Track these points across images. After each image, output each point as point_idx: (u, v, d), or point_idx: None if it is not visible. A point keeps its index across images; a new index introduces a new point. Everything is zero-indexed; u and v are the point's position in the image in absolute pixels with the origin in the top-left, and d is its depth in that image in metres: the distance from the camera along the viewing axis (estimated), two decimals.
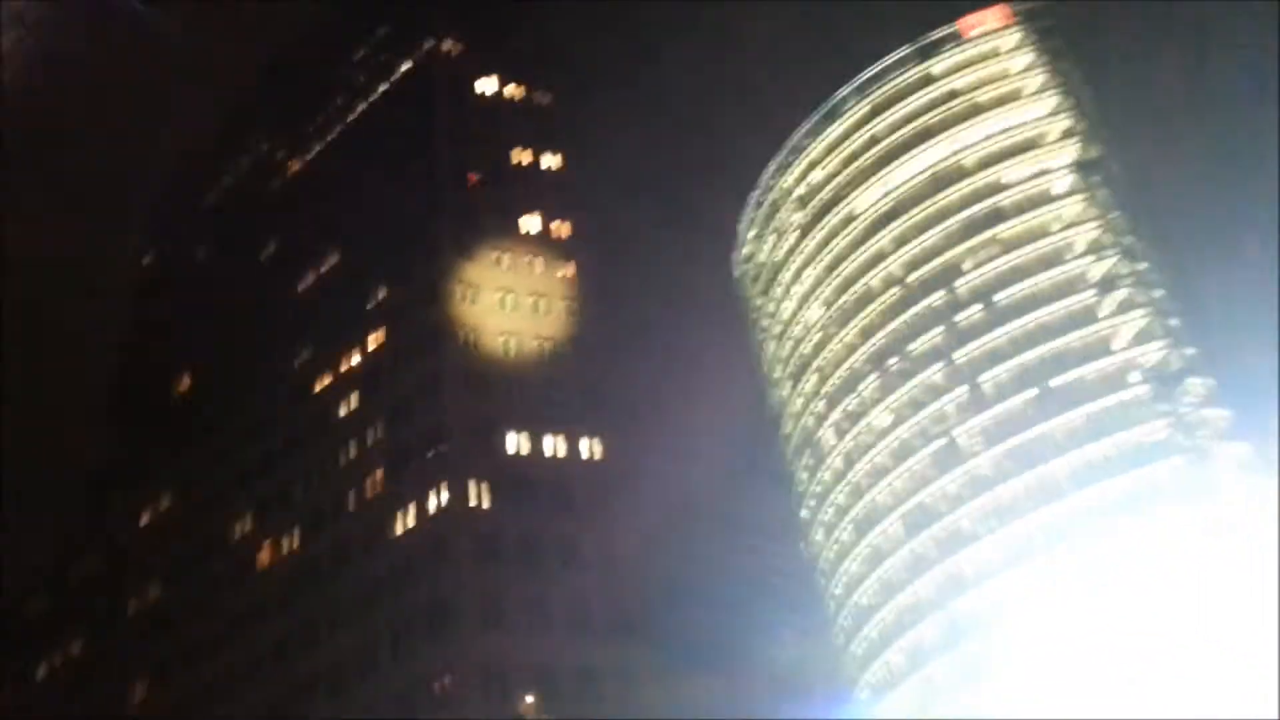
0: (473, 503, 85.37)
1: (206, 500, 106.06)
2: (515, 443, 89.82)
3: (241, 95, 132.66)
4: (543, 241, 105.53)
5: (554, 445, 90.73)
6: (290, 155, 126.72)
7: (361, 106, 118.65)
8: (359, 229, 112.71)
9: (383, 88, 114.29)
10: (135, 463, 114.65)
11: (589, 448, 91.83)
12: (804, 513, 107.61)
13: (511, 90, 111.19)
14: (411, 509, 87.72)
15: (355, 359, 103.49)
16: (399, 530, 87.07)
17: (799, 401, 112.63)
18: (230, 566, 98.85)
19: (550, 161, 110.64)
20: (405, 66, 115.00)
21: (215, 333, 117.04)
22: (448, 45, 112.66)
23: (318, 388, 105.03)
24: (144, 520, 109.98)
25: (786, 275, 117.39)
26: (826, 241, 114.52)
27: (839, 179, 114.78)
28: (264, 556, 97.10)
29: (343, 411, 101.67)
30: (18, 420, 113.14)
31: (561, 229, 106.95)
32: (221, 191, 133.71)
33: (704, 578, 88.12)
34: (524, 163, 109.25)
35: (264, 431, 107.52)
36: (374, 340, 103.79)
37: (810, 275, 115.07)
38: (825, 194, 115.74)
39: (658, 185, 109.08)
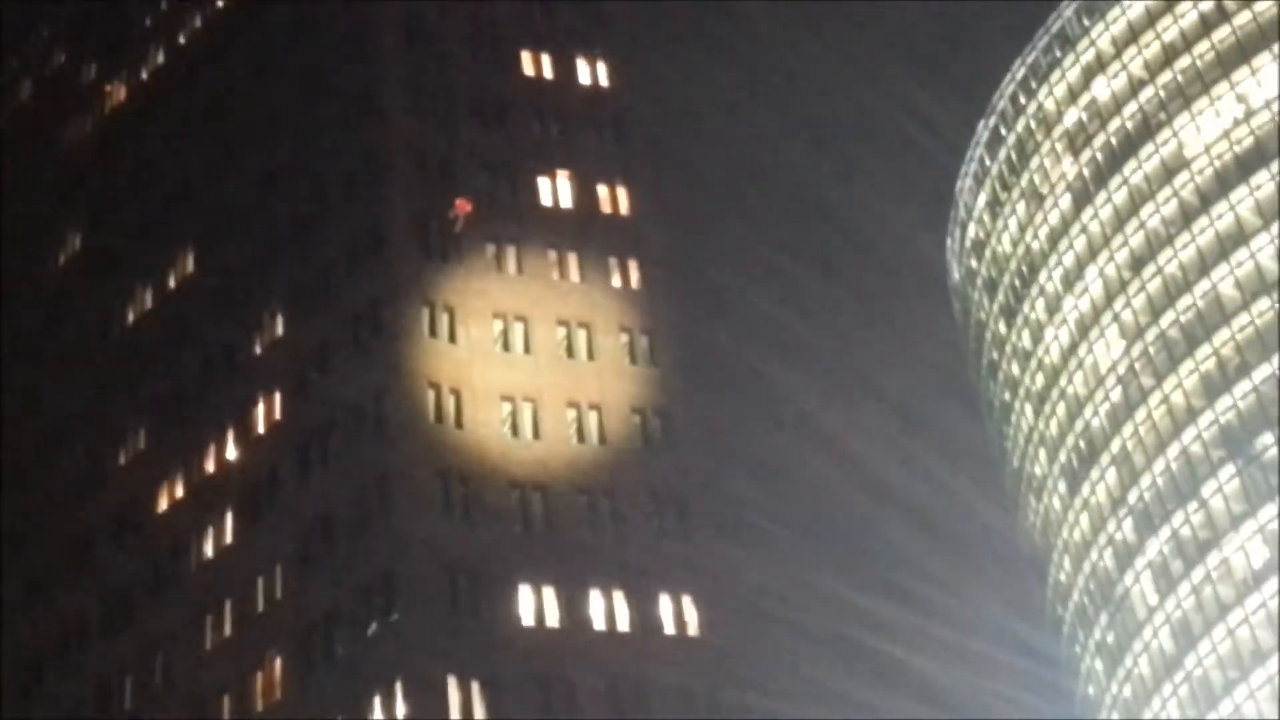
0: None
1: None
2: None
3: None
4: (584, 225, 68.15)
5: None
6: (108, 80, 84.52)
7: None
8: (234, 207, 72.67)
9: None
10: None
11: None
12: None
13: None
14: None
15: (230, 452, 65.73)
16: None
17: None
18: None
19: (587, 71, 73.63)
20: None
21: None
22: None
23: (160, 507, 66.61)
24: None
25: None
26: (1131, 208, 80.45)
27: (1149, 95, 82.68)
28: None
29: (207, 554, 63.93)
30: None
31: (619, 200, 69.72)
32: None
33: None
34: (544, 74, 72.59)
35: (57, 600, 68.72)
36: (262, 416, 65.39)
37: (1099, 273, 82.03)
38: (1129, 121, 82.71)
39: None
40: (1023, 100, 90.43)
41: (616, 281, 65.77)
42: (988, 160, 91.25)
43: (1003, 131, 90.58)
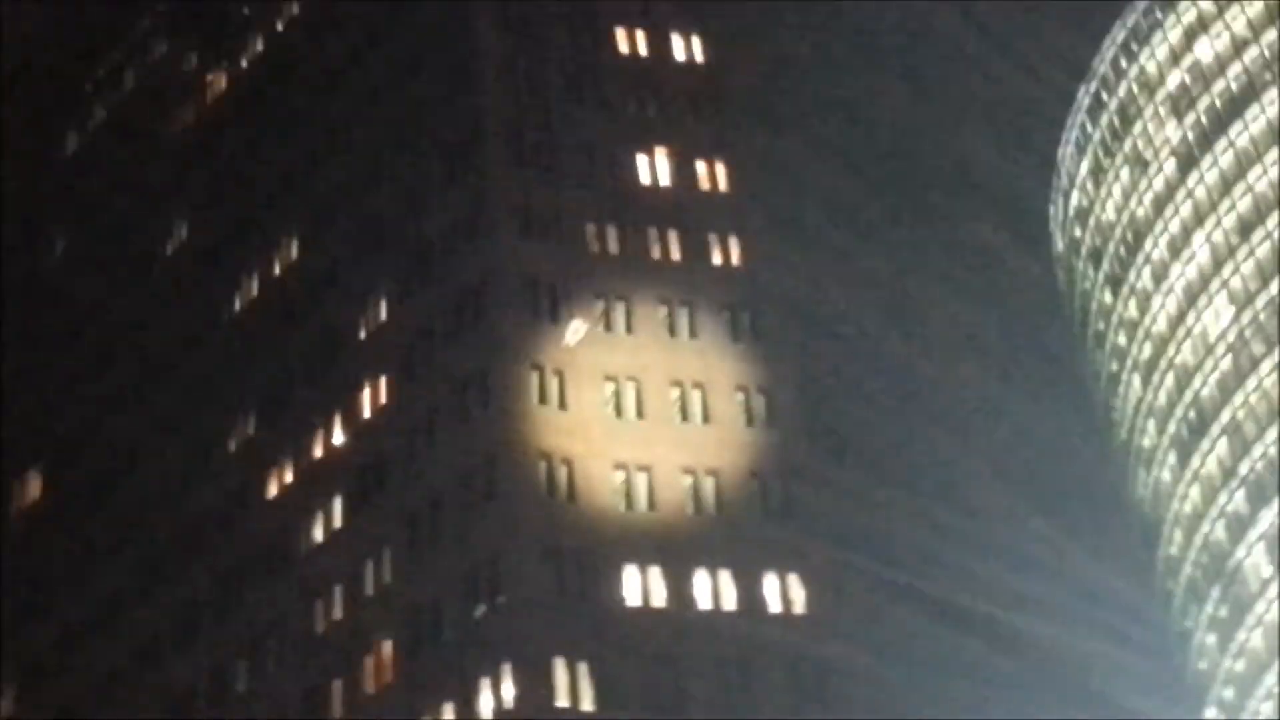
0: None
1: None
2: None
3: None
4: (682, 203, 67.15)
5: None
6: (209, 70, 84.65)
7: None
8: (336, 192, 72.38)
9: None
10: None
11: None
12: None
13: None
14: None
15: (337, 437, 65.40)
16: None
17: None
18: None
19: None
20: None
21: (85, 378, 79.90)
22: None
23: (269, 493, 66.65)
24: None
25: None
26: (1238, 172, 78.76)
27: (1254, 56, 79.96)
28: None
29: (316, 538, 63.57)
30: None
31: (718, 177, 68.57)
32: (91, 137, 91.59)
33: None
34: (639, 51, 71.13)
35: (170, 585, 68.67)
36: (368, 401, 65.28)
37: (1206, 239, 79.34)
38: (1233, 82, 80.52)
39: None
40: (1124, 64, 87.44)
41: (717, 259, 65.31)
42: (1089, 127, 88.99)
43: (1104, 97, 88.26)
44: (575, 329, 60.51)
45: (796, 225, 68.25)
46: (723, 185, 67.92)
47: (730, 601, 56.84)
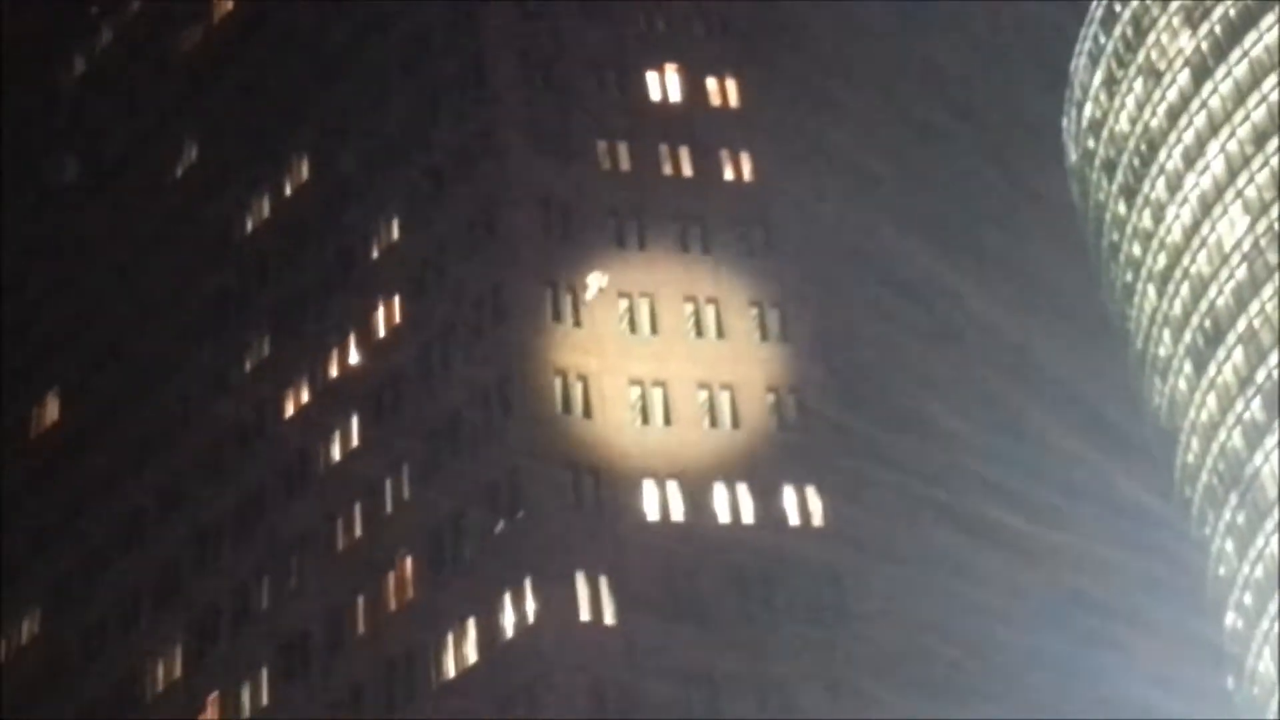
0: None
1: None
2: None
3: None
4: (693, 119, 66.45)
5: None
6: None
7: None
8: (346, 113, 71.86)
9: None
10: None
11: None
12: None
13: None
14: None
15: (353, 357, 65.43)
16: None
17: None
18: None
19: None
20: None
21: (100, 302, 79.40)
22: None
23: (286, 413, 66.48)
24: None
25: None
26: (1252, 81, 77.94)
27: None
28: None
29: (334, 458, 63.59)
30: None
31: (728, 93, 67.66)
32: (99, 60, 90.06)
33: None
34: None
35: (190, 505, 68.42)
36: (383, 320, 65.14)
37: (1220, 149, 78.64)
38: None
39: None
40: None
41: (729, 174, 64.68)
42: (1102, 38, 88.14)
43: (1117, 8, 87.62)
44: (594, 282, 59.94)
45: (808, 140, 67.64)
46: (733, 101, 67.19)
47: (749, 515, 56.62)
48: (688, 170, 64.70)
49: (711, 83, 67.33)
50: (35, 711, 68.20)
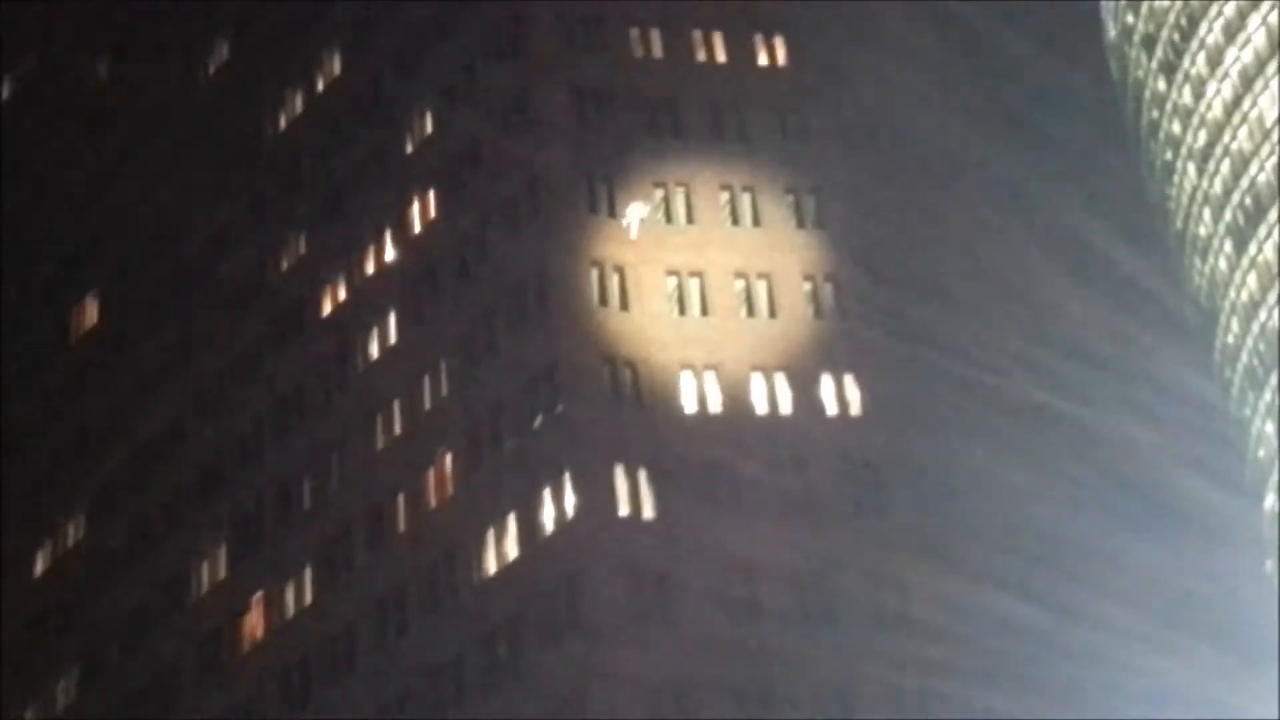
0: None
1: None
2: None
3: None
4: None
5: None
6: None
7: None
8: (378, 4, 70.33)
9: None
10: None
11: None
12: None
13: None
14: None
15: (389, 253, 64.81)
16: None
17: None
18: None
19: None
20: None
21: (136, 204, 78.62)
22: None
23: (323, 311, 66.02)
24: None
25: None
26: None
27: None
28: None
29: (372, 355, 63.43)
30: None
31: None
32: None
33: None
34: None
35: (230, 406, 68.54)
36: (418, 216, 64.33)
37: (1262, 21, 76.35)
38: None
39: None
40: None
41: (764, 59, 63.35)
42: None
43: None
44: (635, 212, 58.89)
45: (844, 23, 66.41)
46: None
47: (786, 405, 56.14)
48: (721, 56, 63.59)
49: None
50: (81, 615, 68.79)
